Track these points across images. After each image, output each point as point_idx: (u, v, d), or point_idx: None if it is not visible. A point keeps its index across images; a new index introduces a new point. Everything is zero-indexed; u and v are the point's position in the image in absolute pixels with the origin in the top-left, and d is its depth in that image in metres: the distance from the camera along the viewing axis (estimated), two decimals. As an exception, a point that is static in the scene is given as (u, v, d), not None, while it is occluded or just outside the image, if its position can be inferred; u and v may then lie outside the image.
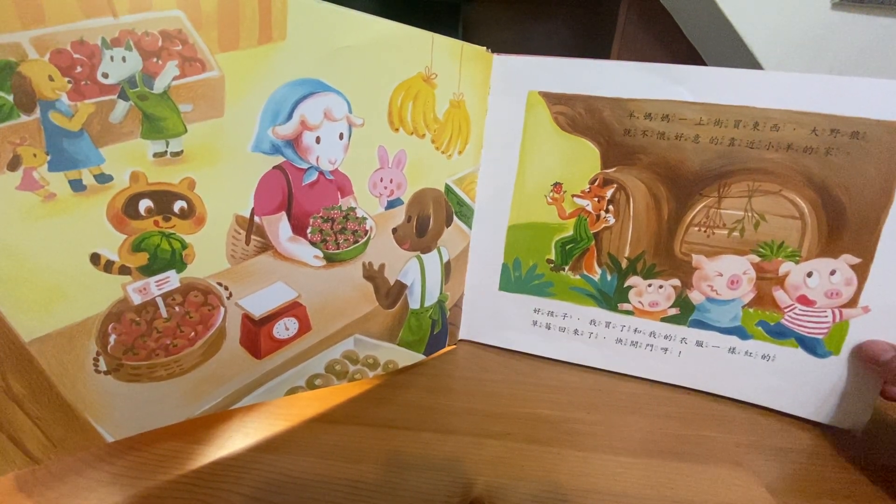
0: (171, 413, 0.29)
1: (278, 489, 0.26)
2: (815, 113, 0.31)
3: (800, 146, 0.32)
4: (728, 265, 0.35)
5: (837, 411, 0.34)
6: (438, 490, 0.27)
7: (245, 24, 0.25)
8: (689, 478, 0.29)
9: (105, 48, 0.22)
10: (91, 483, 0.26)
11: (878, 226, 0.31)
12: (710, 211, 0.34)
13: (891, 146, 0.30)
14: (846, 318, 0.33)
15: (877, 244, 0.32)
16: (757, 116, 0.32)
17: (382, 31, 0.30)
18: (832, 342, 0.34)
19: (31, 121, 0.21)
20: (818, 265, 0.33)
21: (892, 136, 0.30)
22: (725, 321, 0.36)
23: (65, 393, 0.25)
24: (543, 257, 0.39)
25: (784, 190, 0.33)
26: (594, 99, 0.35)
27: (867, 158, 0.31)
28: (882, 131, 0.30)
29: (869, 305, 0.32)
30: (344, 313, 0.34)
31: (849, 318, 0.33)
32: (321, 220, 0.31)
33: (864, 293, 0.32)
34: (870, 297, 0.32)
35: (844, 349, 0.33)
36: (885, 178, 0.31)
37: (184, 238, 0.26)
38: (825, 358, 0.34)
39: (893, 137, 0.30)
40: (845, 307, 0.33)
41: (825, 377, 0.34)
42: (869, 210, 0.31)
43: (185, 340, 0.28)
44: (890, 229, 0.31)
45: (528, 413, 0.34)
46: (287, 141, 0.28)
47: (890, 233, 0.31)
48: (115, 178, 0.24)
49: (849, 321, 0.33)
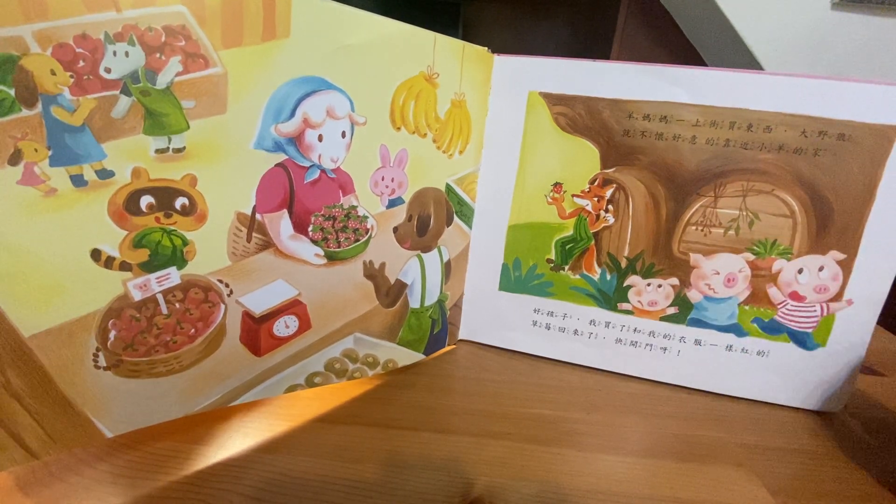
0: (171, 409, 0.28)
1: (278, 489, 0.26)
2: (804, 115, 0.32)
3: (790, 147, 0.33)
4: (724, 263, 0.35)
5: (822, 398, 0.36)
6: (438, 490, 0.27)
7: (249, 20, 0.25)
8: (690, 478, 0.29)
9: (108, 43, 0.22)
10: (90, 482, 0.26)
11: (862, 223, 0.33)
12: (706, 210, 0.35)
13: (873, 148, 0.32)
14: (832, 311, 0.35)
15: (860, 241, 0.33)
16: (751, 118, 0.33)
17: (386, 29, 0.30)
18: (820, 335, 0.35)
19: (33, 115, 0.21)
20: (808, 262, 0.34)
21: (875, 138, 0.31)
22: (723, 319, 0.37)
23: (64, 388, 0.25)
24: (543, 257, 0.39)
25: (776, 189, 0.34)
26: (594, 100, 0.35)
27: (852, 159, 0.32)
28: (866, 133, 0.32)
29: (852, 298, 0.34)
30: (344, 312, 0.34)
31: (835, 311, 0.35)
32: (322, 219, 0.31)
33: (848, 287, 0.34)
34: (853, 291, 0.34)
35: (830, 340, 0.35)
36: (868, 178, 0.32)
37: (185, 235, 0.26)
38: (814, 350, 0.36)
39: (876, 139, 0.31)
40: (832, 301, 0.34)
41: (813, 368, 0.36)
42: (853, 208, 0.33)
43: (185, 337, 0.28)
44: (872, 227, 0.33)
45: (528, 413, 0.34)
46: (289, 138, 0.28)
47: (872, 230, 0.33)
48: (117, 174, 0.24)
49: (835, 314, 0.35)
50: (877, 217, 0.32)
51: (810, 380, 0.36)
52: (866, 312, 0.34)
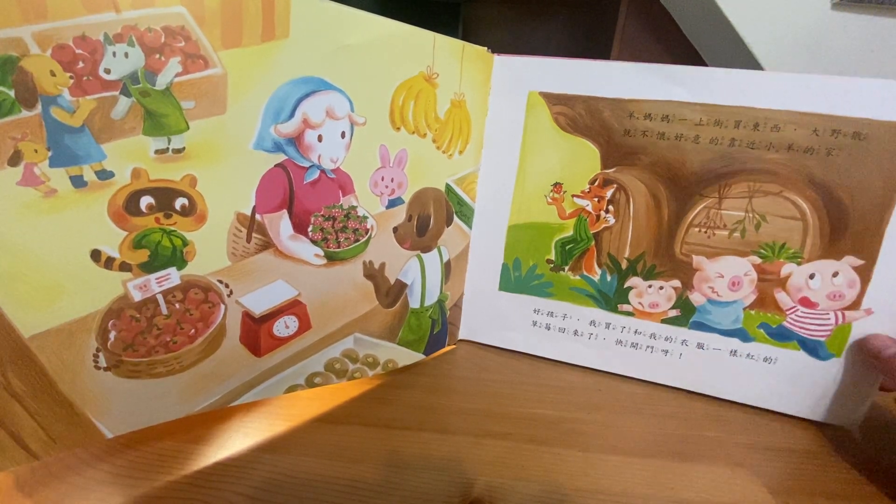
0: (171, 409, 0.29)
1: (278, 489, 0.26)
2: (816, 113, 0.31)
3: (801, 147, 0.32)
4: (729, 266, 0.35)
5: (836, 410, 0.34)
6: (438, 490, 0.27)
7: (248, 21, 0.25)
8: (690, 478, 0.29)
9: (107, 44, 0.22)
10: (90, 482, 0.26)
11: (882, 227, 0.31)
12: (710, 212, 0.34)
13: (893, 147, 0.30)
14: (849, 320, 0.33)
15: (880, 246, 0.31)
16: (757, 117, 0.32)
17: (385, 30, 0.30)
18: (834, 344, 0.34)
19: (33, 116, 0.21)
20: (820, 267, 0.33)
21: (894, 137, 0.30)
22: (727, 323, 0.36)
23: (64, 389, 0.25)
24: (543, 257, 0.39)
25: (785, 191, 0.32)
26: (594, 99, 0.35)
27: (869, 159, 0.31)
28: (884, 132, 0.30)
29: (872, 308, 0.32)
30: (344, 312, 0.34)
31: (851, 320, 0.33)
32: (322, 219, 0.31)
33: (867, 295, 0.32)
34: (873, 300, 0.32)
35: (847, 351, 0.33)
36: (887, 180, 0.30)
37: (185, 235, 0.26)
38: (827, 360, 0.34)
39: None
40: (848, 309, 0.33)
41: (826, 378, 0.34)
42: (872, 211, 0.31)
43: (185, 337, 0.28)
44: (893, 231, 0.31)
45: (528, 413, 0.34)
46: (289, 139, 0.28)
47: (893, 235, 0.31)
48: (117, 175, 0.24)
49: (851, 323, 0.33)
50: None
51: (822, 391, 0.34)
52: (888, 323, 0.32)
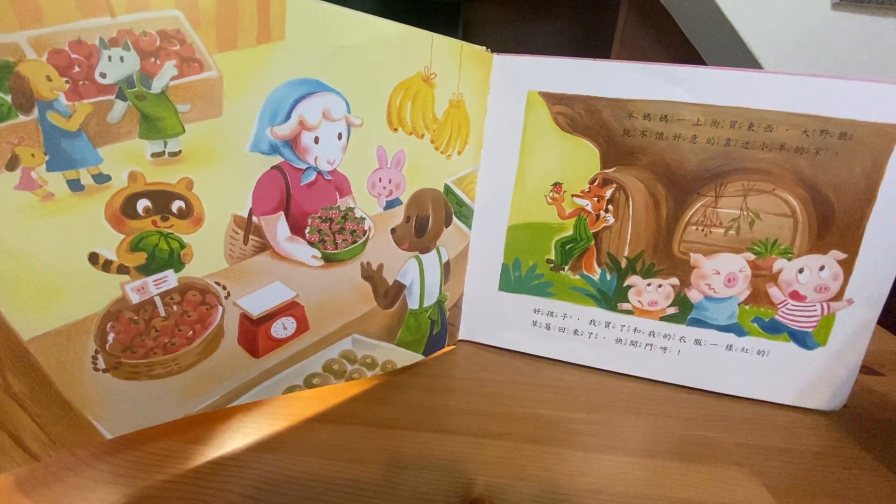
0: (169, 410, 0.29)
1: (278, 489, 0.26)
2: (806, 114, 0.32)
3: (792, 146, 0.33)
4: (725, 263, 0.35)
5: (822, 397, 0.36)
6: (438, 490, 0.27)
7: (243, 23, 0.25)
8: (690, 478, 0.29)
9: (103, 48, 0.22)
10: (89, 482, 0.26)
11: (863, 223, 0.33)
12: (707, 210, 0.35)
13: (876, 147, 0.31)
14: (833, 311, 0.35)
15: (861, 240, 0.33)
16: (752, 117, 0.33)
17: (381, 30, 0.30)
18: (820, 334, 0.35)
19: (29, 121, 0.21)
20: (809, 261, 0.34)
21: (876, 137, 0.31)
22: (723, 319, 0.36)
23: (64, 391, 0.25)
24: (543, 257, 0.39)
25: (777, 189, 0.33)
26: (594, 99, 0.35)
27: (854, 158, 0.32)
28: (867, 132, 0.31)
29: (853, 298, 0.34)
30: (342, 313, 0.34)
31: (835, 310, 0.35)
32: (319, 220, 0.31)
33: (849, 287, 0.34)
34: (854, 290, 0.34)
35: (831, 340, 0.35)
36: (869, 177, 0.32)
37: (182, 238, 0.26)
38: (814, 349, 0.36)
39: (878, 138, 0.31)
40: (832, 300, 0.34)
41: (813, 367, 0.36)
42: (855, 208, 0.33)
43: (183, 339, 0.28)
44: (873, 226, 0.33)
45: (528, 413, 0.34)
46: (285, 141, 0.28)
47: (873, 229, 0.33)
48: (114, 178, 0.24)
49: (835, 314, 0.35)
50: (878, 216, 0.32)
51: (810, 379, 0.36)
52: (867, 312, 0.34)
